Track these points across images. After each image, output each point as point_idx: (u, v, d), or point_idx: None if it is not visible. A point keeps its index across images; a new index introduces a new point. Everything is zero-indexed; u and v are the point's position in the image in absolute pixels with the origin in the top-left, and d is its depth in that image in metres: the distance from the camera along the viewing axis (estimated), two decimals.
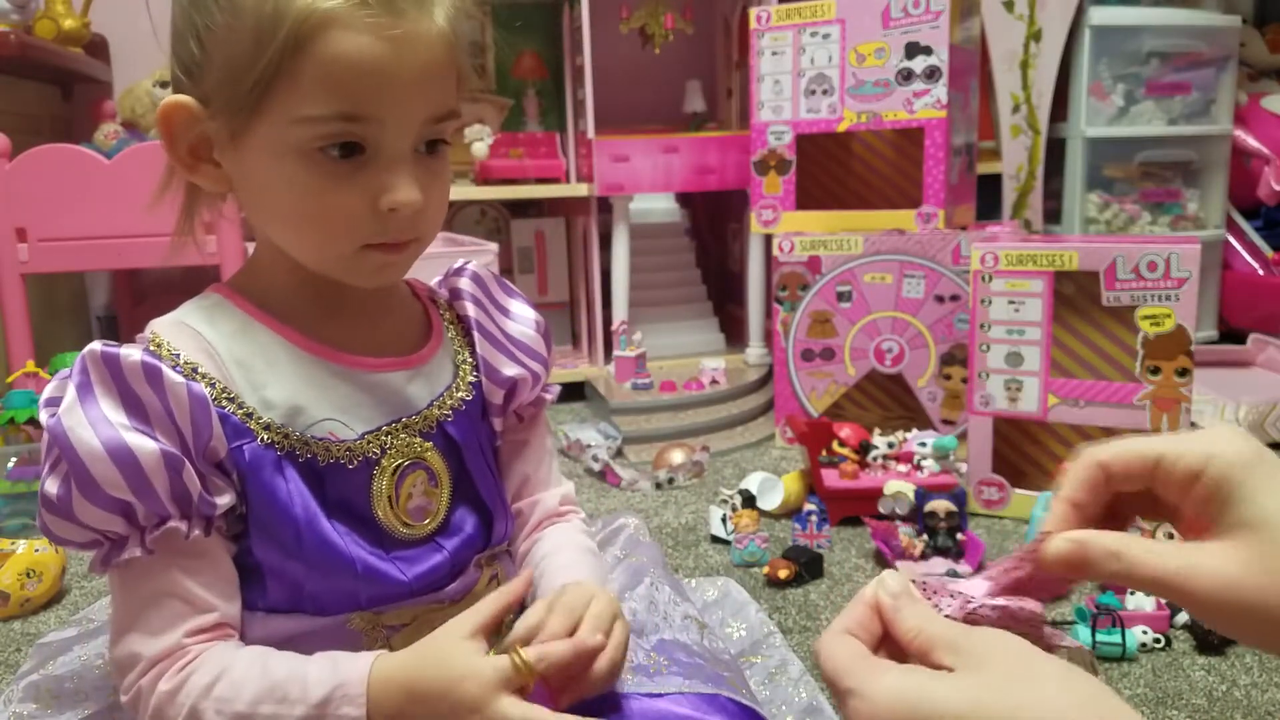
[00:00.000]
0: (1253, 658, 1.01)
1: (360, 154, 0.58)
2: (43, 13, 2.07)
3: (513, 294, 0.76)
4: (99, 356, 0.56)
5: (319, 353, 0.63)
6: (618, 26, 2.23)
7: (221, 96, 0.58)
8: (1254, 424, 1.73)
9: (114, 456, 0.54)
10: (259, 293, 0.64)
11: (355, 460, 0.62)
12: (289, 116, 0.56)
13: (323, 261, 0.61)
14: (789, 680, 0.81)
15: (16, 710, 0.74)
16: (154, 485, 0.55)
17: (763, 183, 1.86)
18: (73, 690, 0.75)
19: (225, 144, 0.60)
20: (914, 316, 1.70)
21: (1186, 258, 1.29)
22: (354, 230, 0.59)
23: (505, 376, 0.70)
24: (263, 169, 0.59)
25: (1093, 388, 1.37)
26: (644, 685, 0.63)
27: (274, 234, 0.62)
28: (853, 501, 1.40)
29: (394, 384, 0.65)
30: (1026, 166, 2.39)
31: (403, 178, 0.58)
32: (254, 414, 0.60)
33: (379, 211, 0.59)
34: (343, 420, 0.62)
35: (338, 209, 0.58)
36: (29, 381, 1.64)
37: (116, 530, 0.57)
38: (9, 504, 1.45)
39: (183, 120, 0.60)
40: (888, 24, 1.71)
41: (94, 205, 1.72)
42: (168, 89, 0.63)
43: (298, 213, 0.59)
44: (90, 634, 0.81)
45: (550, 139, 2.28)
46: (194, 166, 0.61)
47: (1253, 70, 2.63)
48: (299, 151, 0.57)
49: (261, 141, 0.58)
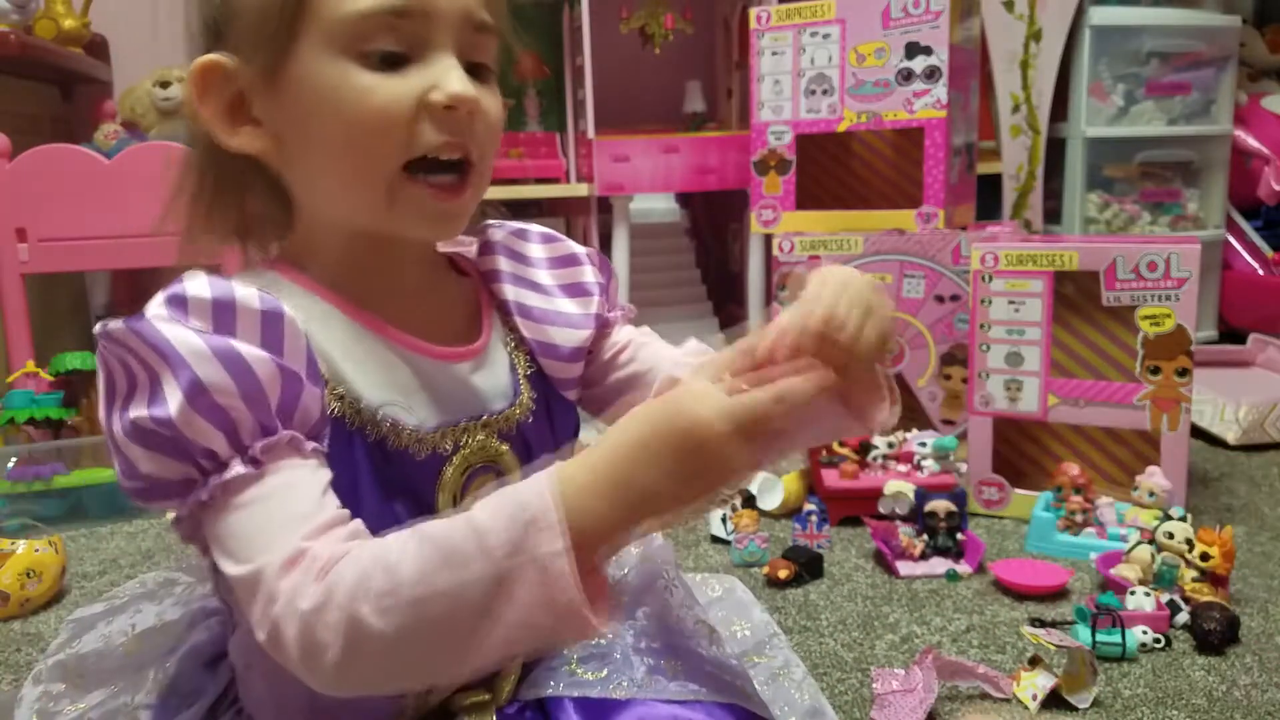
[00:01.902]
0: (1252, 657, 1.01)
1: (405, 64, 0.56)
2: (43, 13, 2.07)
3: (544, 239, 0.71)
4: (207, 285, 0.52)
5: (382, 332, 0.60)
6: (618, 26, 2.23)
7: (254, 35, 0.56)
8: (1254, 424, 1.73)
9: (220, 355, 0.50)
10: (314, 270, 0.61)
11: (424, 452, 0.59)
12: (327, 24, 0.54)
13: (368, 195, 0.57)
14: (792, 682, 0.81)
15: (46, 689, 0.75)
16: (265, 392, 0.51)
17: (763, 183, 1.86)
18: (97, 670, 0.75)
19: (261, 91, 0.57)
20: (914, 316, 1.70)
21: (1186, 258, 1.29)
22: (403, 134, 0.55)
23: (569, 349, 0.67)
24: (304, 98, 0.56)
25: (1093, 388, 1.37)
26: (657, 691, 0.62)
27: (323, 189, 0.59)
28: (853, 501, 1.40)
29: (459, 375, 0.62)
30: (1026, 166, 2.39)
31: (454, 71, 0.56)
32: (329, 381, 0.57)
33: (434, 109, 0.55)
34: (404, 405, 0.59)
35: (383, 109, 0.55)
36: (29, 381, 1.64)
37: (217, 451, 0.51)
38: (9, 504, 1.45)
39: (216, 77, 0.57)
40: (888, 24, 1.71)
41: (94, 205, 1.72)
42: (168, 89, 0.62)
43: (341, 130, 0.55)
44: (118, 610, 0.80)
45: (550, 139, 2.28)
46: (232, 128, 0.58)
47: (1253, 70, 2.63)
48: (341, 61, 0.55)
49: (301, 67, 0.56)
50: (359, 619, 0.47)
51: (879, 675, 0.95)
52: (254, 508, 0.51)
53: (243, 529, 0.51)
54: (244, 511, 0.51)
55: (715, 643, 0.68)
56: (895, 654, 1.03)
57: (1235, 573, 1.17)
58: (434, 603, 0.47)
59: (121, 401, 0.52)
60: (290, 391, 0.52)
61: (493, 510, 0.48)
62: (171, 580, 0.83)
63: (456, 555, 0.47)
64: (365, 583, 0.48)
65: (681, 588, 0.75)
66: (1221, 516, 1.40)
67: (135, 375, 0.51)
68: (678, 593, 0.73)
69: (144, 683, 0.71)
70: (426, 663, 0.50)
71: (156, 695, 0.70)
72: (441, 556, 0.48)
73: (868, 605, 1.15)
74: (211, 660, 0.70)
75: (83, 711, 0.72)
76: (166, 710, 0.68)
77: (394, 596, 0.47)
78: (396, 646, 0.48)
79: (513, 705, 0.63)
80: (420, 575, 0.47)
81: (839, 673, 0.99)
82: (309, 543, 0.50)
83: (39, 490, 1.46)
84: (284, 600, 0.48)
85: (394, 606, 0.47)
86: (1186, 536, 1.13)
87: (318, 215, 0.61)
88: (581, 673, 0.63)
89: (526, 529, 0.47)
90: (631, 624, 0.68)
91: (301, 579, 0.48)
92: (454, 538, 0.48)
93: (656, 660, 0.64)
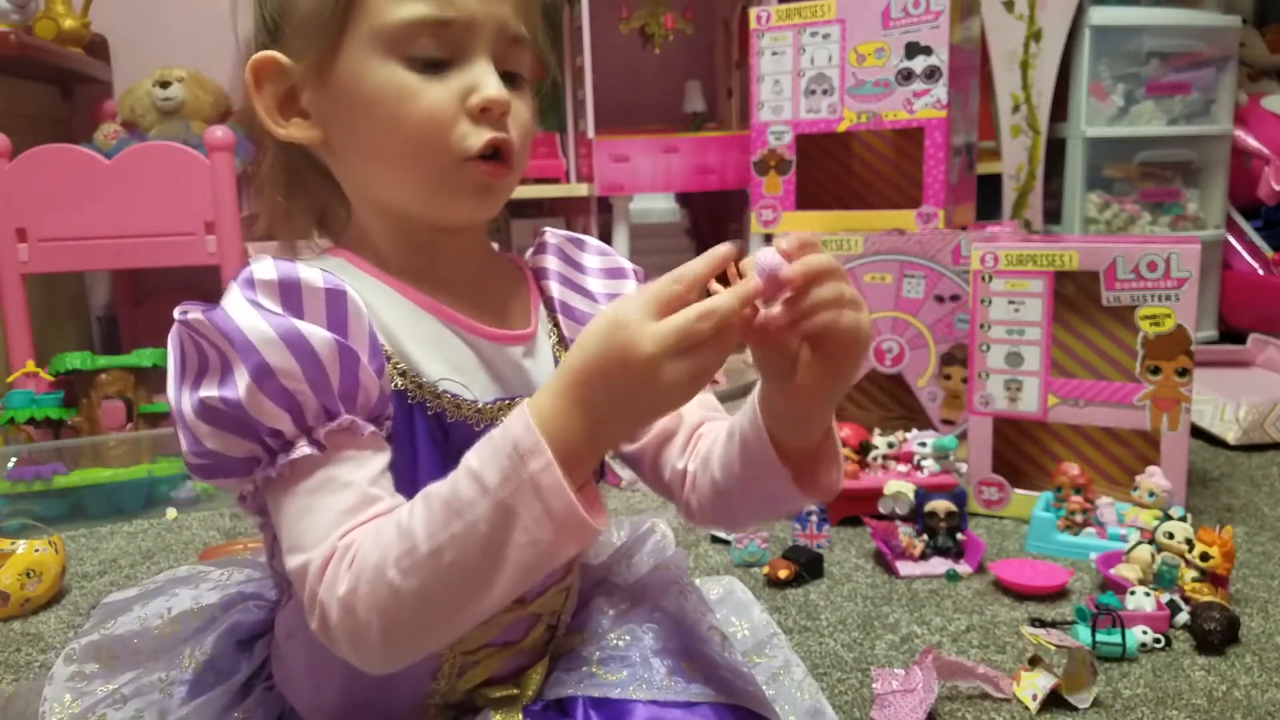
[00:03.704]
0: (1252, 657, 1.01)
1: (445, 68, 0.59)
2: (43, 13, 2.07)
3: (600, 251, 0.75)
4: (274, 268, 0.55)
5: (439, 313, 0.63)
6: (618, 26, 2.23)
7: (306, 32, 0.60)
8: (1254, 424, 1.73)
9: (287, 341, 0.53)
10: (372, 257, 0.64)
11: (482, 423, 0.62)
12: (376, 27, 0.58)
13: (424, 183, 0.61)
14: (792, 682, 0.81)
15: (78, 669, 0.76)
16: (328, 376, 0.54)
17: (763, 183, 1.86)
18: (132, 650, 0.76)
19: (312, 85, 0.61)
20: (914, 316, 1.70)
21: (1186, 258, 1.29)
22: (448, 134, 0.59)
23: None
24: (351, 94, 0.60)
25: (1093, 388, 1.37)
26: (676, 692, 0.63)
27: (369, 175, 0.63)
28: (853, 501, 1.40)
29: (512, 357, 0.65)
30: (1026, 166, 2.39)
31: (490, 77, 0.60)
32: (391, 357, 0.60)
33: (471, 111, 0.59)
34: (462, 382, 0.62)
35: (429, 111, 0.59)
36: (29, 381, 1.64)
37: (283, 430, 0.55)
38: (9, 504, 1.45)
39: (270, 72, 0.61)
40: (888, 24, 1.71)
41: (94, 205, 1.72)
42: (168, 89, 0.64)
43: (390, 127, 0.59)
44: (150, 594, 0.81)
45: (550, 139, 2.28)
46: (283, 120, 0.63)
47: (1253, 70, 2.63)
48: (386, 62, 0.59)
49: (348, 65, 0.59)
50: (388, 585, 0.52)
51: (879, 675, 0.95)
52: (307, 499, 0.55)
53: (296, 519, 0.55)
54: (299, 501, 0.55)
55: (728, 648, 0.69)
56: (895, 654, 1.03)
57: (1235, 573, 1.17)
58: (449, 549, 0.52)
59: (192, 381, 0.55)
60: (350, 371, 0.55)
61: (481, 453, 0.53)
62: (204, 570, 0.84)
63: (459, 501, 0.52)
64: (386, 552, 0.52)
65: (695, 593, 0.76)
66: (1221, 516, 1.40)
67: (207, 357, 0.54)
68: (692, 598, 0.74)
69: (178, 661, 0.72)
70: (456, 607, 0.54)
71: (191, 672, 0.71)
72: (447, 508, 0.52)
73: (868, 605, 1.15)
74: (247, 640, 0.72)
75: (115, 689, 0.72)
76: (200, 687, 0.70)
77: (412, 555, 0.52)
78: (426, 600, 0.53)
79: (537, 704, 0.65)
80: (431, 529, 0.52)
81: (839, 673, 0.99)
82: (348, 538, 0.54)
83: (39, 490, 1.47)
84: (325, 590, 0.53)
85: (415, 565, 0.52)
86: (1186, 536, 1.13)
87: (367, 203, 0.65)
88: (602, 674, 0.65)
89: (514, 458, 0.51)
90: (650, 627, 0.69)
91: (335, 569, 0.53)
92: (455, 488, 0.52)
93: (675, 662, 0.65)
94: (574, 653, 0.69)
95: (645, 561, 0.84)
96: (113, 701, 0.71)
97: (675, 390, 0.52)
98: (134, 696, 0.71)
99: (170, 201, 1.73)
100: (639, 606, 0.72)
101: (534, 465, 0.50)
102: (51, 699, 0.73)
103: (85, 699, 0.73)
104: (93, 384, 1.57)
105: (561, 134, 2.32)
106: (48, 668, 0.83)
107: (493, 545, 0.51)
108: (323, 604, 0.54)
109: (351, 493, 0.55)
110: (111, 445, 1.53)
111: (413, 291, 0.63)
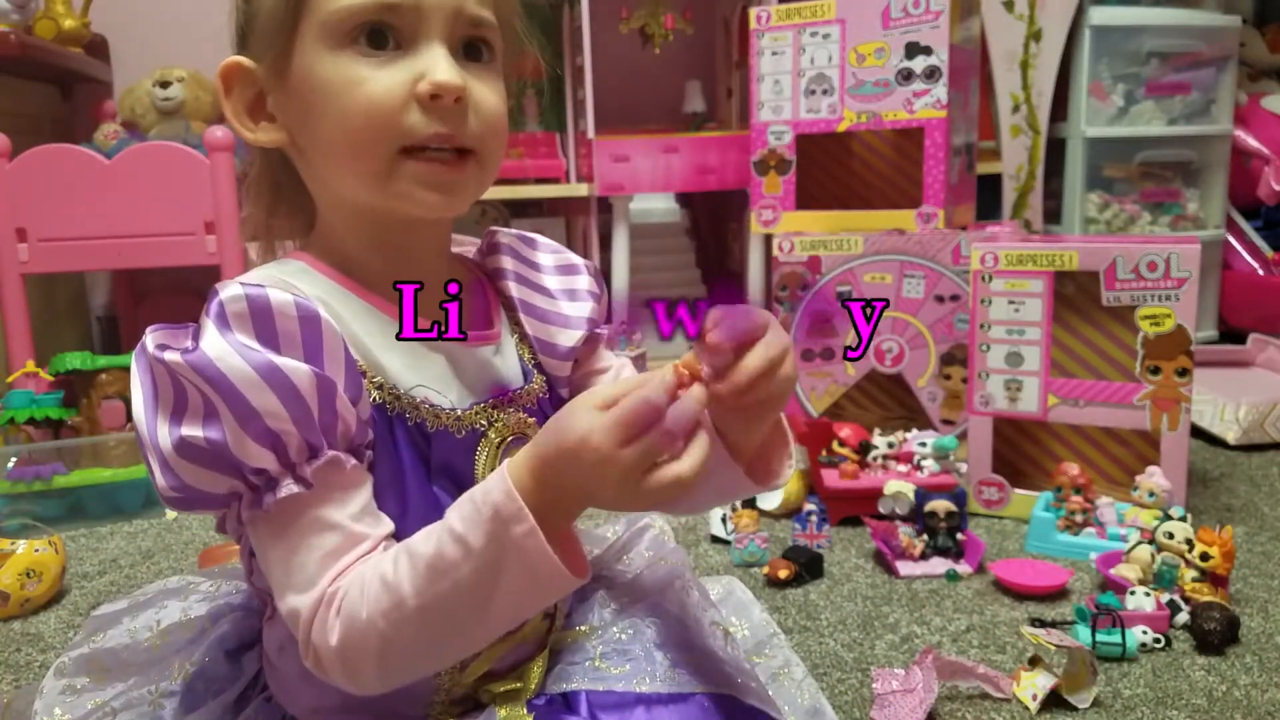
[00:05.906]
0: (1252, 658, 1.01)
1: (394, 48, 0.58)
2: (43, 13, 2.07)
3: (551, 249, 0.75)
4: (244, 297, 0.54)
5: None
6: (618, 26, 2.23)
7: (265, 33, 0.60)
8: (1254, 424, 1.72)
9: (270, 380, 0.53)
10: (337, 260, 0.64)
11: (463, 430, 0.63)
12: (323, 18, 0.58)
13: (370, 174, 0.59)
14: (792, 682, 0.81)
15: (69, 682, 0.75)
16: (311, 411, 0.54)
17: (763, 183, 1.86)
18: (122, 663, 0.76)
19: (275, 87, 0.61)
20: (914, 316, 1.70)
21: (1186, 258, 1.29)
22: (394, 123, 0.58)
23: (566, 349, 0.71)
24: (306, 89, 0.59)
25: (1093, 388, 1.37)
26: (679, 685, 0.63)
27: (326, 170, 0.62)
28: (853, 501, 1.40)
29: (483, 358, 0.66)
30: (1026, 166, 2.39)
31: (441, 61, 0.58)
32: (367, 372, 0.60)
33: (421, 98, 0.58)
34: (437, 389, 0.63)
35: (371, 98, 0.57)
36: (29, 381, 1.64)
37: (268, 469, 0.54)
38: (9, 504, 1.45)
39: (238, 76, 0.62)
40: (888, 24, 1.71)
41: (94, 205, 1.72)
42: (168, 89, 0.64)
43: (337, 119, 0.58)
44: (140, 606, 0.81)
45: (550, 139, 2.28)
46: (252, 124, 0.63)
47: (1253, 70, 2.63)
48: (334, 49, 0.58)
49: (302, 62, 0.59)
50: (378, 635, 0.54)
51: (879, 675, 0.95)
52: (294, 539, 0.56)
53: (282, 560, 0.57)
54: (286, 542, 0.56)
55: (731, 644, 0.69)
56: (895, 654, 1.03)
57: (1235, 573, 1.17)
58: (436, 606, 0.54)
59: (169, 416, 0.54)
60: (329, 404, 0.55)
61: (464, 514, 0.54)
62: (194, 581, 0.84)
63: (444, 562, 0.53)
64: (374, 607, 0.54)
65: (697, 589, 0.76)
66: (1221, 516, 1.40)
67: (186, 394, 0.54)
68: (694, 593, 0.74)
69: (168, 673, 0.72)
70: (448, 649, 0.57)
71: (181, 683, 0.71)
72: (432, 569, 0.54)
73: (868, 605, 1.15)
74: (236, 650, 0.72)
75: (105, 702, 0.72)
76: (192, 699, 0.70)
77: (400, 610, 0.54)
78: (418, 646, 0.56)
79: (540, 697, 0.65)
80: (417, 587, 0.54)
81: (839, 673, 0.99)
82: (335, 584, 0.56)
83: (39, 490, 1.46)
84: (317, 636, 0.55)
85: (403, 619, 0.54)
86: (1186, 536, 1.13)
87: (329, 202, 0.64)
88: (605, 667, 0.65)
89: (497, 522, 0.52)
90: (653, 621, 0.69)
91: (325, 615, 0.55)
92: (439, 548, 0.54)
93: (678, 655, 0.66)
94: (576, 646, 0.69)
95: (643, 555, 0.84)
96: (103, 715, 0.71)
97: (628, 477, 0.51)
98: (124, 709, 0.71)
99: (170, 201, 1.73)
100: (641, 601, 0.72)
101: (517, 531, 0.52)
102: (42, 712, 0.73)
103: (75, 712, 0.72)
104: (93, 384, 1.57)
105: (561, 134, 2.32)
106: (47, 668, 0.83)
107: (479, 601, 0.54)
108: (316, 648, 0.56)
109: (337, 534, 0.56)
110: (111, 445, 1.53)
111: (377, 297, 0.62)
